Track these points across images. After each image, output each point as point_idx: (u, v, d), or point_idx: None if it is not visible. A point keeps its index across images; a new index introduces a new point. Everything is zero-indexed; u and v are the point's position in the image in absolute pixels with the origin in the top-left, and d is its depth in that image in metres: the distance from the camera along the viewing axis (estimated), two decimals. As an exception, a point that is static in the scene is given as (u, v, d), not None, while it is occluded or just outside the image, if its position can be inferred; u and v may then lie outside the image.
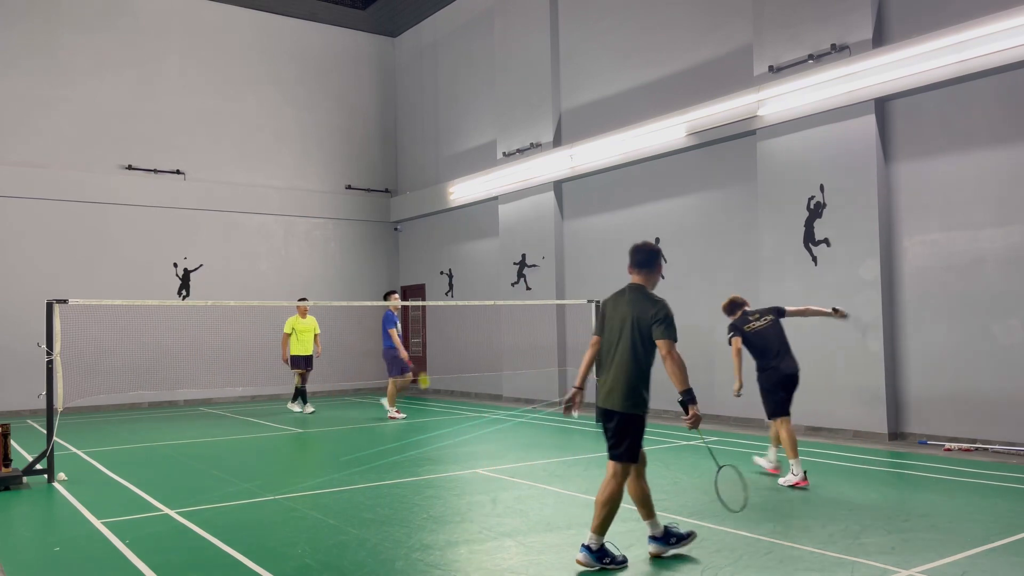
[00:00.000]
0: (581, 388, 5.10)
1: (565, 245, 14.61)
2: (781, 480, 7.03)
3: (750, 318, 7.53)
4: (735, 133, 11.14)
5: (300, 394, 13.85)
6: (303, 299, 13.82)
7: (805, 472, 6.95)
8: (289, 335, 13.76)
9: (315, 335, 14.00)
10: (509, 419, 12.27)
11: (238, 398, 16.58)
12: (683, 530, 5.04)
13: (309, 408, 13.82)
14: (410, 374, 13.03)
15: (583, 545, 4.75)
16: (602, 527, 4.73)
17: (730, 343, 7.45)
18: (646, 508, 4.98)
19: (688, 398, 4.78)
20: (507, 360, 15.22)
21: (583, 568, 4.72)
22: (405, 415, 13.02)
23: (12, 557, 5.24)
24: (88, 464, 8.88)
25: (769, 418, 7.39)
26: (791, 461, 6.96)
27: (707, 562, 4.78)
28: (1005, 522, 5.57)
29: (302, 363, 13.78)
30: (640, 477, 4.98)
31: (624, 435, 4.81)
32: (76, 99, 15.68)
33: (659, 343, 4.88)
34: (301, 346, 13.70)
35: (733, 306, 7.74)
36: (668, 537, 4.95)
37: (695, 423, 4.73)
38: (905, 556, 4.81)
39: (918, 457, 8.34)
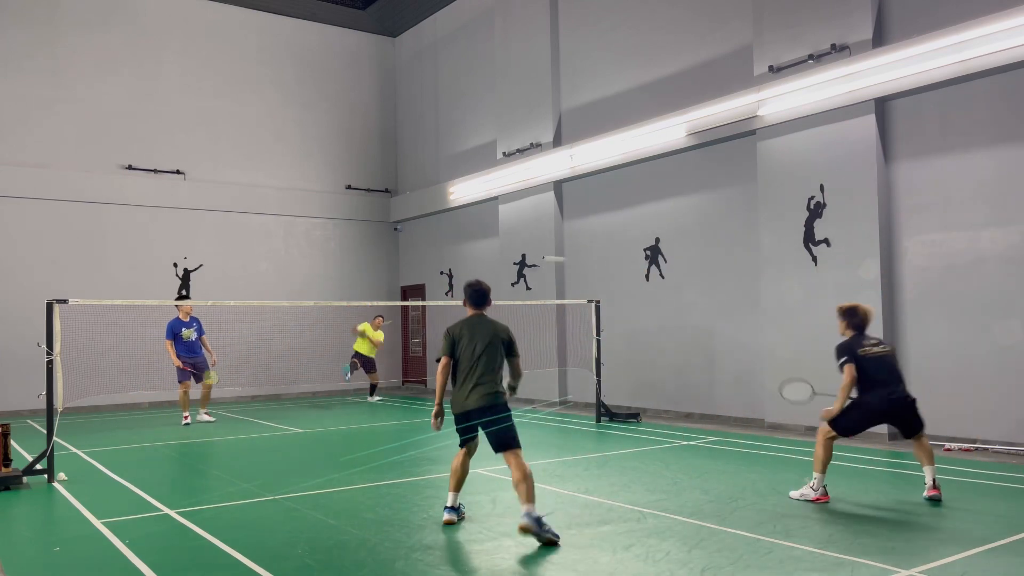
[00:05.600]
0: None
1: (565, 245, 14.60)
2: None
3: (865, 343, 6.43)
4: (735, 133, 11.13)
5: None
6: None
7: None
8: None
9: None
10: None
11: (238, 398, 16.58)
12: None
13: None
14: (188, 382, 12.22)
15: (525, 514, 5.29)
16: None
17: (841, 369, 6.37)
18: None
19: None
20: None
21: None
22: (189, 422, 12.27)
23: (12, 557, 5.24)
24: (88, 464, 8.87)
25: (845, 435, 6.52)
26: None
27: (707, 562, 4.78)
28: (1005, 522, 5.57)
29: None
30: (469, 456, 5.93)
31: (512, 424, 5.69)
32: (76, 99, 15.68)
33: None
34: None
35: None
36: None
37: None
38: (905, 556, 4.81)
39: (918, 457, 8.34)
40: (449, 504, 5.90)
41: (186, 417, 12.45)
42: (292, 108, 18.18)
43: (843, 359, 6.31)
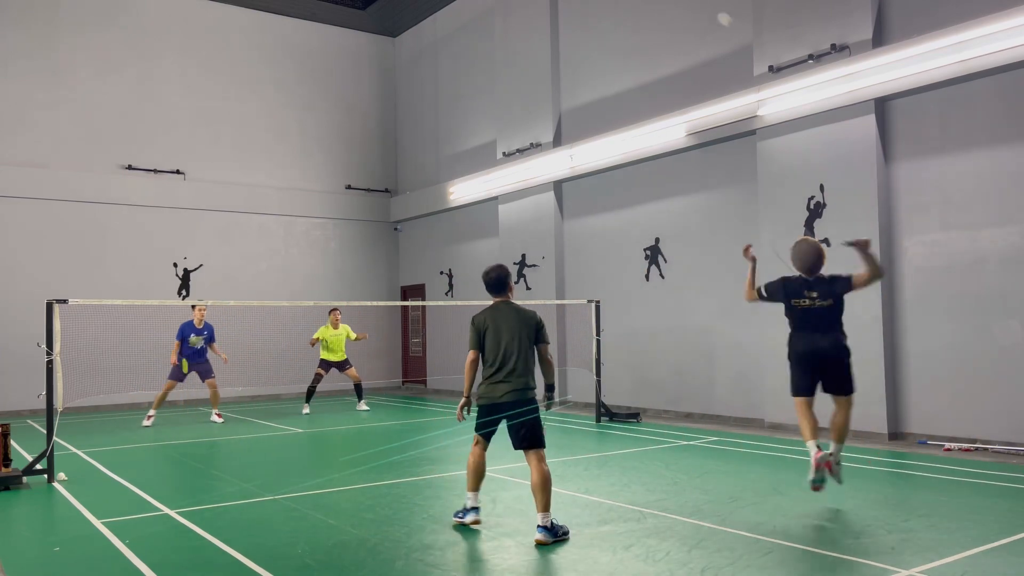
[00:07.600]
0: None
1: (565, 245, 14.61)
2: None
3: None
4: (735, 133, 11.13)
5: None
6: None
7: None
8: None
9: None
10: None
11: (238, 398, 16.58)
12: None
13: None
14: (174, 381, 12.48)
15: (539, 526, 5.28)
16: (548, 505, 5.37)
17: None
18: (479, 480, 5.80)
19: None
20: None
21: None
22: (149, 424, 12.30)
23: (12, 557, 5.24)
24: (88, 464, 8.87)
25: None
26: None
27: (707, 562, 4.78)
28: (1005, 522, 5.57)
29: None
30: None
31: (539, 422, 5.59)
32: (76, 99, 15.68)
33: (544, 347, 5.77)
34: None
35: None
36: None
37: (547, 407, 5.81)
38: (905, 556, 4.81)
39: (918, 457, 8.34)
40: (472, 505, 5.72)
41: (149, 417, 12.41)
42: (292, 108, 18.17)
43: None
